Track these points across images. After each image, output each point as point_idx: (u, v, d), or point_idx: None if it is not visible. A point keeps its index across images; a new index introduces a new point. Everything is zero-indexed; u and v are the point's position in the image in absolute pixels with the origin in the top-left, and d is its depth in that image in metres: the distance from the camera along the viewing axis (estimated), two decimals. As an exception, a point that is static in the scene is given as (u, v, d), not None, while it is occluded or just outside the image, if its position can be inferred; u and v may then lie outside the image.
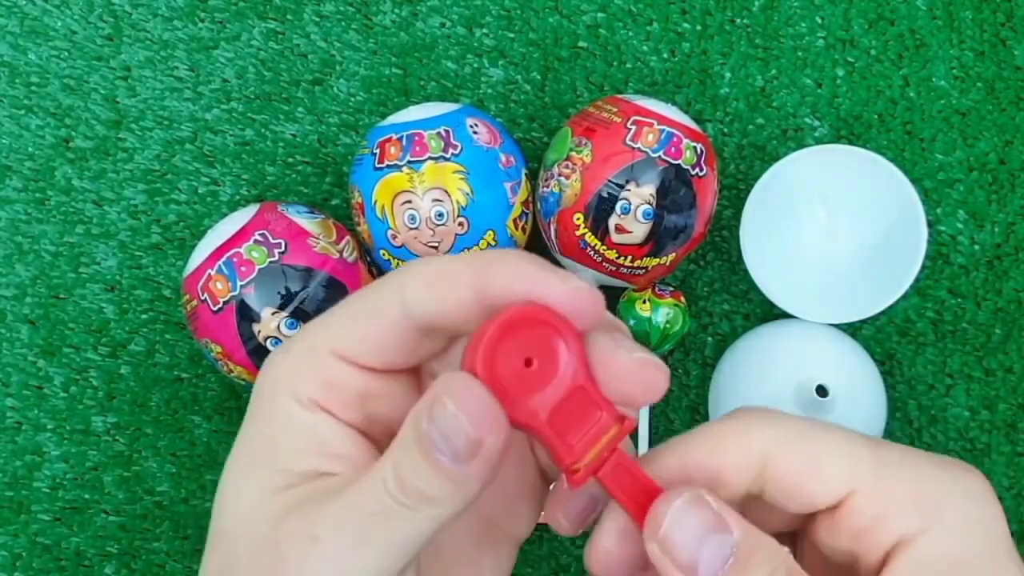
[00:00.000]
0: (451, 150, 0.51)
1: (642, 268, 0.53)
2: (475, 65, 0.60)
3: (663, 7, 0.60)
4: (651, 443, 0.57)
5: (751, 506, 0.26)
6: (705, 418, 0.58)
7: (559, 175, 0.53)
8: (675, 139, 0.51)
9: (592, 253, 0.53)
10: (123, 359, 0.58)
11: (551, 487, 0.29)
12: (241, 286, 0.49)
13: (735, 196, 0.60)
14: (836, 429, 0.25)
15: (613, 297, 0.58)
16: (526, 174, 0.55)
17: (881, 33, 0.60)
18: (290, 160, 0.59)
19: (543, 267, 0.24)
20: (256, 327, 0.49)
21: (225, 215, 0.55)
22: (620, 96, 0.55)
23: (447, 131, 0.51)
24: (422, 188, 0.50)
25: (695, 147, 0.52)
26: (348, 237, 0.54)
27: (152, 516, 0.58)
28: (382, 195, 0.51)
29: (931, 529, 0.23)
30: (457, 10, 0.60)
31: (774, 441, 0.25)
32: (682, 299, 0.56)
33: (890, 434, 0.59)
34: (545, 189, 0.54)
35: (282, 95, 0.60)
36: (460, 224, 0.51)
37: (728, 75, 0.60)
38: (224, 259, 0.50)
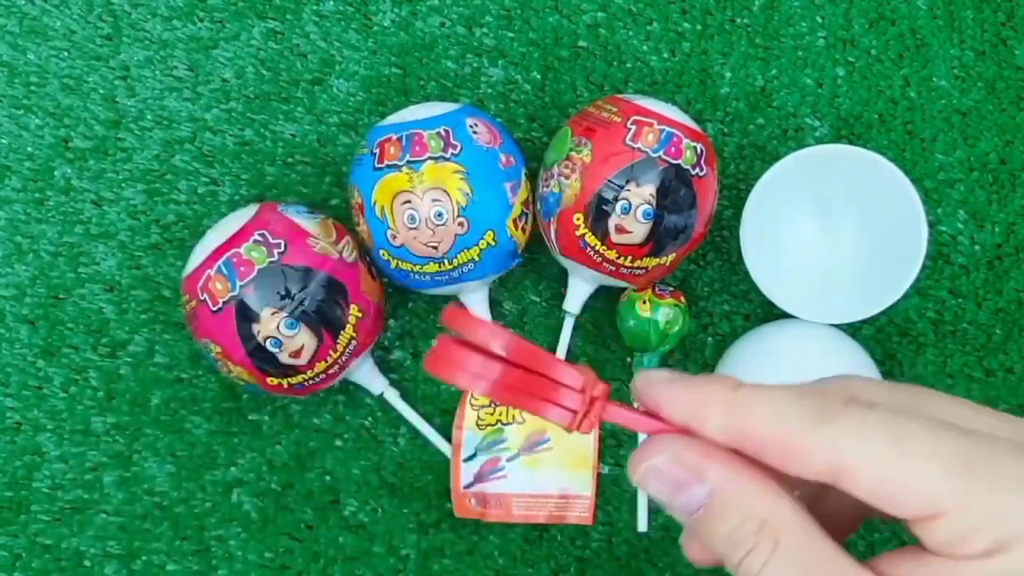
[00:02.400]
0: (451, 150, 0.51)
1: (642, 268, 0.53)
2: (475, 65, 0.60)
3: (663, 7, 0.60)
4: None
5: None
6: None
7: (559, 175, 0.52)
8: (675, 139, 0.51)
9: (592, 253, 0.52)
10: (123, 359, 0.58)
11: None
12: (240, 286, 0.49)
13: (735, 196, 0.59)
14: (926, 439, 0.23)
15: (613, 297, 0.58)
16: (526, 174, 0.55)
17: (882, 33, 0.60)
18: (289, 160, 0.59)
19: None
20: (256, 327, 0.49)
21: (224, 215, 0.55)
22: (620, 96, 0.55)
23: (447, 131, 0.51)
24: (422, 188, 0.50)
25: (695, 147, 0.52)
26: (347, 237, 0.54)
27: (152, 516, 0.58)
28: (382, 195, 0.51)
29: (1011, 548, 0.23)
30: (457, 10, 0.60)
31: (855, 451, 0.23)
32: (682, 299, 0.56)
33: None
34: (545, 189, 0.54)
35: (281, 95, 0.60)
36: (460, 224, 0.51)
37: (728, 75, 0.60)
38: (223, 259, 0.50)
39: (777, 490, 0.25)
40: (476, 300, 0.56)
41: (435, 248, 0.51)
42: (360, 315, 0.52)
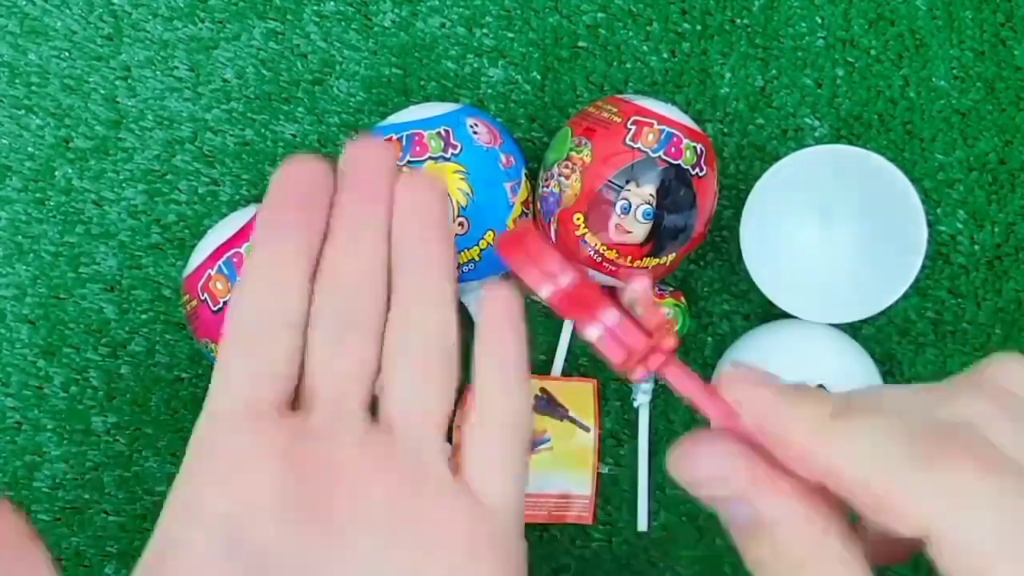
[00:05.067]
0: (451, 150, 0.51)
1: (642, 268, 0.53)
2: (475, 65, 0.60)
3: (663, 7, 0.60)
4: (651, 444, 0.57)
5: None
6: (705, 418, 0.58)
7: (559, 175, 0.53)
8: (675, 139, 0.51)
9: (592, 253, 0.53)
10: (123, 359, 0.58)
11: None
12: (241, 286, 0.49)
13: (735, 196, 0.60)
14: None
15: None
16: (526, 174, 0.55)
17: (881, 33, 0.60)
18: (290, 160, 0.59)
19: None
20: (256, 327, 0.49)
21: (225, 215, 0.55)
22: (620, 96, 0.55)
23: (447, 131, 0.51)
24: (422, 188, 0.50)
25: (695, 147, 0.52)
26: (348, 237, 0.54)
27: (152, 516, 0.57)
28: (382, 195, 0.51)
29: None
30: (457, 10, 0.60)
31: (949, 519, 0.20)
32: (682, 299, 0.56)
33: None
34: (545, 189, 0.54)
35: (282, 95, 0.60)
36: (460, 224, 0.51)
37: (728, 75, 0.60)
38: (224, 259, 0.50)
39: (828, 526, 0.22)
40: (476, 300, 0.56)
41: (435, 248, 0.52)
42: (360, 315, 0.52)
